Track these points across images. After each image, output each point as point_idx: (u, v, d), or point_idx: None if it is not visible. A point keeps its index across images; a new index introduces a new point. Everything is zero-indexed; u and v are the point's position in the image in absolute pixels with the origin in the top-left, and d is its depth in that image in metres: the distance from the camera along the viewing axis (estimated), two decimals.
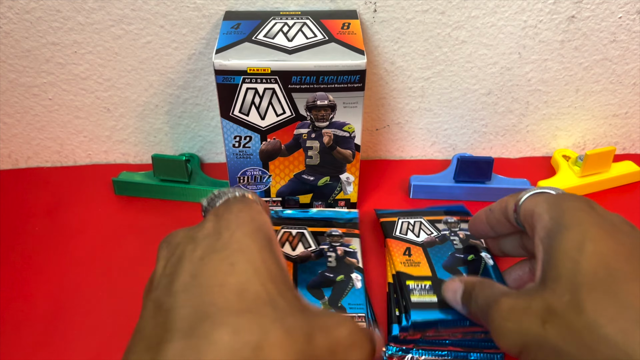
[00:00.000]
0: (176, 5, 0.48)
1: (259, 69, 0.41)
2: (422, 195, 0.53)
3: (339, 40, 0.43)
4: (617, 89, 0.55)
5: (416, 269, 0.42)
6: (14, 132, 0.56)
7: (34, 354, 0.40)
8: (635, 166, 0.56)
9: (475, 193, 0.53)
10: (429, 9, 0.48)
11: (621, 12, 0.49)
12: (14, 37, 0.49)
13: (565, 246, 0.29)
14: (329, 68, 0.42)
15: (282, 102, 0.43)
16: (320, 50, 0.42)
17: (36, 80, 0.52)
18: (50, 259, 0.48)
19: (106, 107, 0.54)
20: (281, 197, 0.50)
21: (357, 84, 0.43)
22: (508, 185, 0.53)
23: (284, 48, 0.42)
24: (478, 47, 0.51)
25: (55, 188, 0.55)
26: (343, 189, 0.50)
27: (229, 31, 0.44)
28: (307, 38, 0.44)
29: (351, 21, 0.46)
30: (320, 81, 0.42)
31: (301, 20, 0.46)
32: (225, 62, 0.41)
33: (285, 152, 0.47)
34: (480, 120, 0.56)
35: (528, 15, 0.49)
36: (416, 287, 0.40)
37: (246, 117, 0.44)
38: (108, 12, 0.48)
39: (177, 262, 0.27)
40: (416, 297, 0.39)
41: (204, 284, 0.25)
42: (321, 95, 0.43)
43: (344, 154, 0.47)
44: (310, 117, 0.44)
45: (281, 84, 0.42)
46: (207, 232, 0.28)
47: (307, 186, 0.49)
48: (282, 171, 0.48)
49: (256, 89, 0.42)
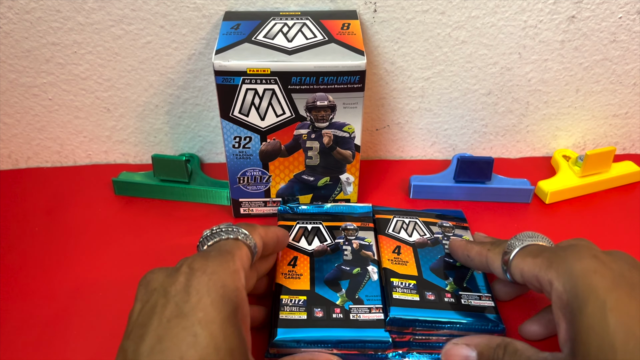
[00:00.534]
0: (176, 5, 0.48)
1: (259, 70, 0.41)
2: (422, 196, 0.53)
3: (339, 41, 0.43)
4: (617, 89, 0.55)
5: (403, 267, 0.42)
6: (14, 132, 0.56)
7: (34, 354, 0.40)
8: (635, 166, 0.56)
9: (475, 193, 0.53)
10: (429, 9, 0.48)
11: (621, 12, 0.49)
12: (14, 37, 0.49)
13: (588, 323, 0.29)
14: (329, 69, 0.41)
15: (282, 102, 0.43)
16: (320, 51, 0.42)
17: (36, 81, 0.52)
18: (50, 258, 0.48)
19: (106, 107, 0.54)
20: (281, 197, 0.50)
21: (357, 84, 0.43)
22: (508, 185, 0.53)
23: (284, 49, 0.42)
24: (478, 47, 0.51)
25: (55, 188, 0.55)
26: (343, 190, 0.50)
27: (229, 32, 0.44)
28: (306, 38, 0.44)
29: (351, 21, 0.46)
30: (320, 82, 0.42)
31: (301, 20, 0.46)
32: (225, 63, 0.41)
33: (285, 152, 0.47)
34: (480, 120, 0.56)
35: (528, 15, 0.49)
36: (400, 284, 0.41)
37: (246, 117, 0.44)
38: (108, 12, 0.48)
39: (149, 313, 0.30)
40: (398, 294, 0.40)
41: (166, 351, 0.27)
42: (321, 96, 0.43)
43: (343, 155, 0.47)
44: (310, 117, 0.44)
45: (281, 85, 0.42)
46: (178, 289, 0.30)
47: (308, 186, 0.49)
48: (282, 172, 0.48)
49: (256, 89, 0.42)
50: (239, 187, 0.49)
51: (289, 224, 0.47)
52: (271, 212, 0.51)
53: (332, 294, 0.41)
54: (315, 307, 0.39)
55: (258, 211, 0.51)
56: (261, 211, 0.51)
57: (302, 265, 0.43)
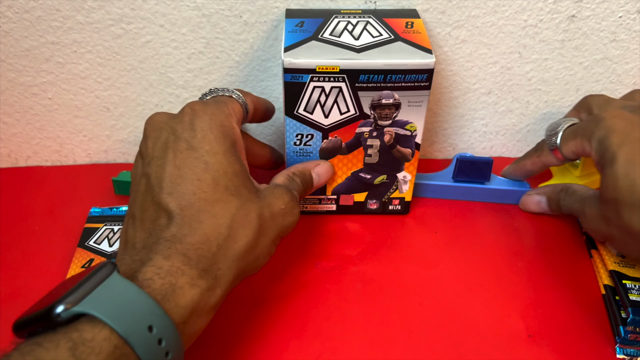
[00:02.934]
0: (176, 4, 0.47)
1: (328, 68, 0.41)
2: (419, 194, 0.53)
3: (405, 39, 0.43)
4: (618, 89, 0.55)
5: (632, 270, 0.43)
6: (14, 131, 0.56)
7: None
8: None
9: (474, 193, 0.53)
10: (429, 9, 0.48)
11: (621, 11, 0.49)
12: (13, 36, 0.49)
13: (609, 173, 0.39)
14: (398, 67, 0.41)
15: (348, 100, 0.43)
16: (388, 49, 0.42)
17: (36, 80, 0.52)
18: (50, 258, 0.47)
19: (106, 106, 0.54)
20: (336, 195, 0.50)
21: (425, 82, 0.42)
22: (507, 186, 0.53)
23: (352, 47, 0.42)
24: (478, 47, 0.51)
25: (55, 187, 0.55)
26: (399, 188, 0.50)
27: (294, 29, 0.44)
28: (372, 37, 0.43)
29: (414, 20, 0.46)
30: (387, 80, 0.42)
31: (364, 19, 0.46)
32: (295, 61, 0.41)
33: (345, 150, 0.46)
34: (480, 119, 0.56)
35: (528, 14, 0.49)
36: (634, 287, 0.42)
37: (310, 115, 0.44)
38: (107, 12, 0.48)
39: (163, 147, 0.36)
40: (635, 297, 0.41)
41: (185, 176, 0.34)
42: (387, 94, 0.43)
43: (403, 153, 0.47)
44: (373, 115, 0.44)
45: (348, 83, 0.42)
46: (184, 127, 0.36)
47: (363, 184, 0.49)
48: (340, 169, 0.48)
49: (323, 87, 0.42)
50: None
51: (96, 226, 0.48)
52: (325, 209, 0.51)
53: None
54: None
55: (312, 208, 0.51)
56: (315, 208, 0.51)
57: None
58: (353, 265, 0.47)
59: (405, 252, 0.49)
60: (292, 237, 0.50)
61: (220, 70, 0.52)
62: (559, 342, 0.41)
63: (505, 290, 0.45)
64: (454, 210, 0.53)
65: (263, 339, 0.41)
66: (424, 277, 0.46)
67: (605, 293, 0.44)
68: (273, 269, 0.46)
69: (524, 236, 0.50)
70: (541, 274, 0.46)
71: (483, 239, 0.50)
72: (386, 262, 0.47)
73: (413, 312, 0.43)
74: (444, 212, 0.52)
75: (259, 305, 0.43)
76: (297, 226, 0.40)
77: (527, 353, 0.40)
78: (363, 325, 0.42)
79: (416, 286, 0.45)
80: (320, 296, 0.44)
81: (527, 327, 0.42)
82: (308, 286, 0.45)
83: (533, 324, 0.42)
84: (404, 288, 0.45)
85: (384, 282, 0.46)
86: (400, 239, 0.50)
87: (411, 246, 0.49)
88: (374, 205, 0.51)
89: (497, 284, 0.46)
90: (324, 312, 0.43)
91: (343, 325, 0.42)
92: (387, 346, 0.41)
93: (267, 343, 0.41)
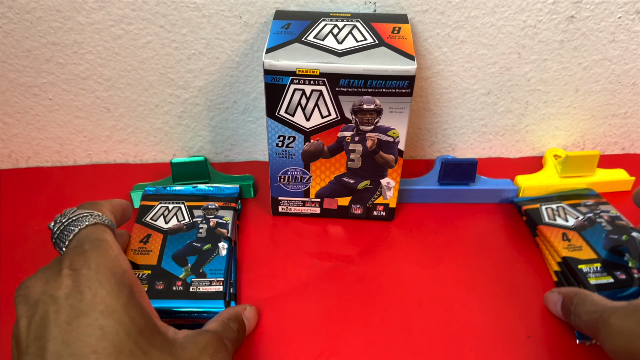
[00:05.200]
0: (176, 5, 0.48)
1: (308, 71, 0.41)
2: (406, 199, 0.53)
3: (389, 45, 0.43)
4: (617, 89, 0.55)
5: (580, 252, 0.43)
6: (14, 131, 0.56)
7: None
8: (626, 175, 0.54)
9: (460, 195, 0.53)
10: (429, 9, 0.49)
11: (620, 12, 0.49)
12: (14, 37, 0.49)
13: None
14: (378, 72, 0.41)
15: (329, 104, 0.43)
16: (370, 54, 0.42)
17: (36, 80, 0.52)
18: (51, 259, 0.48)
19: (106, 107, 0.54)
20: (319, 198, 0.50)
21: (406, 89, 0.42)
22: (492, 186, 0.53)
23: (334, 50, 0.42)
24: (477, 47, 0.51)
25: (56, 188, 0.55)
26: (382, 194, 0.50)
27: (279, 31, 0.44)
28: (357, 41, 0.43)
29: (402, 25, 0.46)
30: (368, 85, 0.42)
31: (351, 22, 0.46)
32: (275, 62, 0.41)
33: (328, 154, 0.47)
34: (479, 120, 0.57)
35: (527, 15, 0.49)
36: (590, 270, 0.41)
37: (292, 117, 0.44)
38: (108, 12, 0.48)
39: (41, 324, 0.28)
40: (594, 280, 0.40)
41: (77, 352, 0.27)
42: (368, 99, 0.43)
43: (386, 159, 0.47)
44: (355, 120, 0.44)
45: (329, 86, 0.42)
46: (68, 292, 0.29)
47: (347, 189, 0.49)
48: (322, 172, 0.48)
49: (303, 90, 0.42)
50: (279, 186, 0.49)
51: (151, 204, 0.48)
52: (309, 212, 0.51)
53: (177, 268, 0.43)
54: (158, 280, 0.41)
55: (296, 210, 0.51)
56: (299, 210, 0.51)
57: (153, 242, 0.45)
58: (353, 265, 0.47)
59: (405, 252, 0.49)
60: (291, 237, 0.50)
61: (221, 70, 0.52)
62: (558, 343, 0.41)
63: (505, 290, 0.45)
64: (444, 212, 0.53)
65: (263, 339, 0.41)
66: (424, 277, 0.46)
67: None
68: (273, 269, 0.47)
69: (521, 236, 0.50)
70: (540, 274, 0.47)
71: (482, 240, 0.50)
72: (386, 262, 0.48)
73: (412, 312, 0.43)
74: (435, 215, 0.52)
75: (259, 305, 0.43)
76: (290, 227, 0.39)
77: (526, 353, 0.41)
78: (362, 325, 0.42)
79: (415, 286, 0.45)
80: (319, 296, 0.44)
81: (526, 328, 0.42)
82: (308, 286, 0.45)
83: (532, 324, 0.43)
84: (403, 288, 0.45)
85: (383, 282, 0.46)
86: (399, 239, 0.50)
87: (410, 246, 0.49)
88: (358, 210, 0.51)
89: (496, 284, 0.46)
90: (324, 312, 0.43)
91: (343, 325, 0.42)
92: (386, 346, 0.41)
93: (267, 343, 0.41)
